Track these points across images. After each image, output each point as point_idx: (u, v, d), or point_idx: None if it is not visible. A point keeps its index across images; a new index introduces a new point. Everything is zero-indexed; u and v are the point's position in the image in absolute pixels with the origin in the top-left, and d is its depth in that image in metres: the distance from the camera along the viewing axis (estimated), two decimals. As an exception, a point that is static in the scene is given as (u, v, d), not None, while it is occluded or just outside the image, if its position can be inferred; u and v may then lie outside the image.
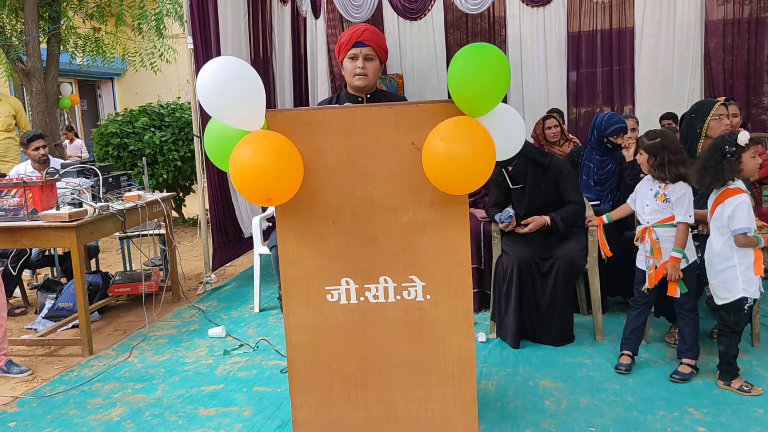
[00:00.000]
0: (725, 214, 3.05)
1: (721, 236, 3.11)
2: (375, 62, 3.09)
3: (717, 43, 6.96)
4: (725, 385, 3.18)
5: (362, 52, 3.05)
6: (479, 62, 2.13)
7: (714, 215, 3.13)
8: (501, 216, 3.90)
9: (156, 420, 3.16)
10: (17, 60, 7.87)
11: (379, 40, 3.09)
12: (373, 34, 3.08)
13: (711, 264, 3.17)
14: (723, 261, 3.10)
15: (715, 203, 3.12)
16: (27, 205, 4.03)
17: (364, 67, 3.06)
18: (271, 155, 2.11)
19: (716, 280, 3.16)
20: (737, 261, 3.08)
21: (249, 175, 2.11)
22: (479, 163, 2.11)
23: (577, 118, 7.53)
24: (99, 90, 15.59)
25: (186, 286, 5.61)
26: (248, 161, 2.10)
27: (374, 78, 3.13)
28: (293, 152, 2.20)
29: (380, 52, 3.09)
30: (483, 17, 7.64)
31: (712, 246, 3.16)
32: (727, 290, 3.12)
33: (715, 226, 3.13)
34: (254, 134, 2.16)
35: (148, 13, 9.20)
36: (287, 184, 2.18)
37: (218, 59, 2.18)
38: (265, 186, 2.12)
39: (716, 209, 3.11)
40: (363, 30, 3.05)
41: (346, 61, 3.09)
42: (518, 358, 3.70)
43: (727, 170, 3.05)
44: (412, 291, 2.37)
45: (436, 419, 2.44)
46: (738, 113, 4.74)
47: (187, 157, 7.96)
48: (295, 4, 7.29)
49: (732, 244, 3.07)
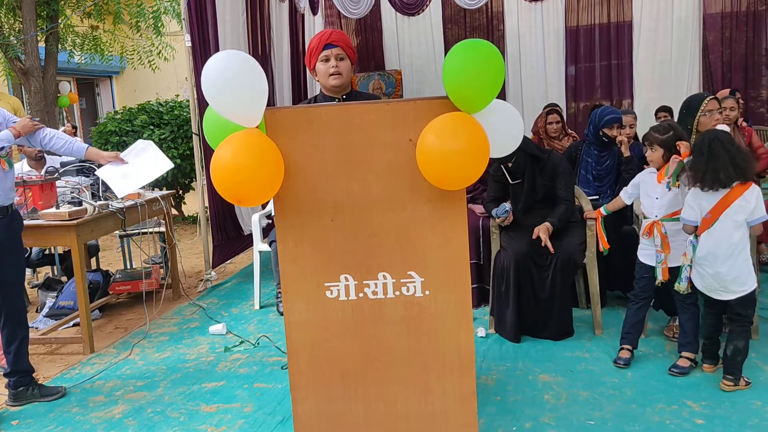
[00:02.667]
0: (750, 206, 3.00)
1: (737, 230, 3.04)
2: (346, 61, 3.16)
3: (715, 36, 6.95)
4: (734, 387, 3.11)
5: (333, 52, 3.11)
6: (472, 58, 2.14)
7: (730, 210, 3.02)
8: (497, 211, 3.93)
9: (158, 417, 3.17)
10: (15, 59, 7.88)
11: (347, 41, 3.18)
12: (341, 35, 3.18)
13: (727, 261, 3.05)
14: (739, 254, 3.05)
15: (730, 199, 3.02)
16: (27, 204, 4.04)
17: (338, 66, 3.12)
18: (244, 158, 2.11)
19: (732, 275, 3.05)
20: (749, 253, 3.08)
21: (218, 175, 2.13)
22: (472, 158, 2.12)
23: (576, 113, 7.53)
24: (97, 88, 15.57)
25: (186, 283, 5.63)
26: (220, 162, 2.11)
27: (348, 77, 3.19)
28: (269, 156, 2.18)
29: (350, 51, 3.17)
30: (481, 12, 7.63)
31: (730, 241, 3.04)
32: (742, 283, 3.07)
33: (733, 220, 3.03)
34: (233, 135, 2.16)
35: (145, 10, 9.21)
36: (258, 187, 2.17)
37: (230, 52, 2.17)
38: (233, 187, 2.13)
39: (734, 204, 3.02)
40: (330, 33, 3.15)
41: (318, 65, 3.16)
42: (517, 352, 3.71)
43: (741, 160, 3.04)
44: (411, 286, 2.38)
45: (436, 414, 2.45)
46: (736, 107, 4.72)
47: (186, 155, 7.96)
48: (293, 1, 7.29)
49: (745, 235, 3.05)
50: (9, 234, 3.29)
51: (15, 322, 3.36)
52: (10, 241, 3.30)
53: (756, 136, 4.84)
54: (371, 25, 8.07)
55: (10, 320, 3.34)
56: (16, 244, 3.39)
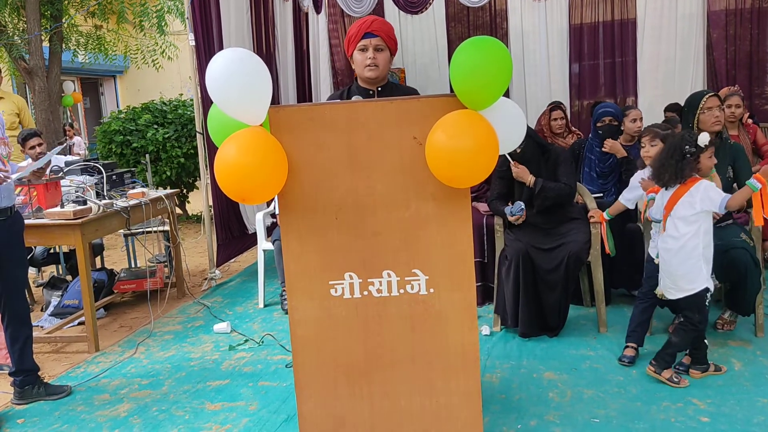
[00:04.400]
0: (696, 199, 3.05)
1: (687, 226, 3.09)
2: (385, 53, 3.03)
3: (719, 33, 6.92)
4: (655, 373, 3.19)
5: (372, 42, 2.99)
6: (481, 55, 2.14)
7: (677, 208, 3.11)
8: (513, 209, 3.88)
9: (163, 415, 3.18)
10: (20, 58, 7.89)
11: (388, 31, 3.04)
12: (383, 24, 3.04)
13: (675, 257, 3.13)
14: (689, 252, 3.08)
15: (676, 197, 3.11)
16: (32, 203, 4.05)
17: (375, 58, 3.00)
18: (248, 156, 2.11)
19: (680, 271, 3.12)
20: (702, 250, 3.08)
21: (222, 173, 2.13)
22: (483, 155, 2.12)
23: (580, 111, 7.51)
24: (101, 88, 15.60)
25: (191, 282, 5.64)
26: (224, 160, 2.12)
27: (385, 69, 3.07)
28: (273, 154, 2.18)
29: (390, 42, 3.04)
30: (484, 10, 7.61)
31: (675, 239, 3.12)
32: (691, 281, 3.10)
33: (682, 216, 3.10)
34: (238, 132, 2.17)
35: (149, 10, 9.22)
36: (261, 185, 2.17)
37: (235, 50, 2.17)
38: (236, 185, 2.14)
39: (681, 200, 3.10)
40: (372, 21, 3.01)
41: (356, 54, 3.03)
42: (522, 350, 3.71)
43: (686, 169, 3.07)
44: (416, 284, 2.38)
45: (441, 412, 2.45)
46: (741, 104, 4.71)
47: (190, 154, 7.97)
48: (296, 0, 7.29)
49: (698, 231, 3.07)
50: (11, 235, 3.30)
51: (18, 321, 3.38)
52: (12, 242, 3.31)
53: (761, 133, 4.83)
54: (374, 24, 8.05)
55: (13, 320, 3.36)
56: (19, 245, 3.40)
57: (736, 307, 3.73)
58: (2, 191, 3.18)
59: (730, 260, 3.49)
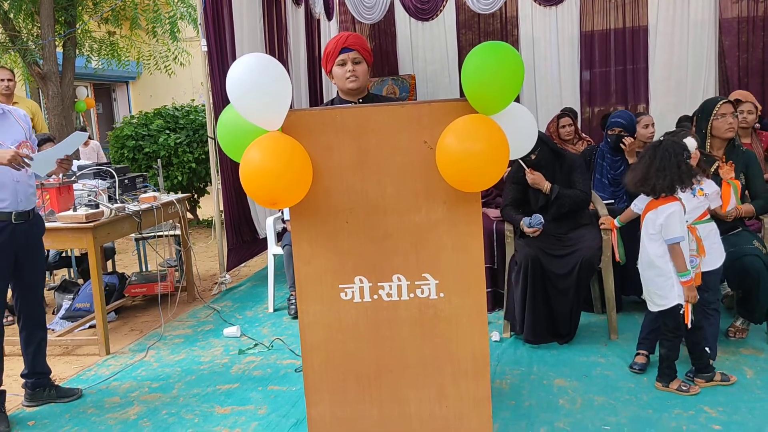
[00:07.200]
0: (657, 221, 3.06)
1: (652, 242, 3.10)
2: (363, 65, 3.17)
3: (731, 41, 6.91)
4: (663, 387, 3.18)
5: (350, 56, 3.12)
6: (494, 60, 2.14)
7: (645, 221, 3.14)
8: (532, 221, 3.83)
9: (172, 418, 3.19)
10: (33, 64, 7.97)
11: (363, 44, 3.19)
12: (357, 38, 3.18)
13: (646, 270, 3.17)
14: (658, 268, 3.10)
15: (647, 209, 3.13)
16: (44, 207, 4.08)
17: (354, 70, 3.13)
18: (279, 161, 2.13)
19: (652, 286, 3.15)
20: (672, 268, 3.08)
21: (254, 179, 2.14)
22: (494, 160, 2.12)
23: (591, 118, 7.50)
24: (114, 93, 15.71)
25: (201, 286, 5.65)
26: (254, 166, 2.12)
27: (364, 80, 3.20)
28: (301, 157, 2.21)
29: (366, 54, 3.18)
30: (495, 17, 7.64)
31: (647, 252, 3.14)
32: (663, 297, 3.11)
33: (647, 232, 3.13)
34: (264, 137, 2.18)
35: (162, 16, 9.29)
36: (292, 189, 2.19)
37: (259, 56, 2.19)
38: (269, 191, 2.15)
39: (647, 215, 3.12)
40: (347, 36, 3.16)
41: (335, 69, 3.17)
42: (532, 357, 3.70)
43: (686, 174, 3.03)
44: (426, 289, 2.38)
45: (450, 417, 2.44)
46: (753, 110, 4.68)
47: (201, 159, 8.02)
48: (308, 6, 7.33)
49: (666, 250, 3.07)
50: (30, 238, 3.32)
51: (34, 324, 3.40)
52: (31, 246, 3.33)
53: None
54: (385, 30, 8.10)
55: (29, 323, 3.38)
56: (37, 249, 3.42)
57: (748, 314, 3.70)
58: (20, 194, 3.20)
59: (743, 267, 3.47)
